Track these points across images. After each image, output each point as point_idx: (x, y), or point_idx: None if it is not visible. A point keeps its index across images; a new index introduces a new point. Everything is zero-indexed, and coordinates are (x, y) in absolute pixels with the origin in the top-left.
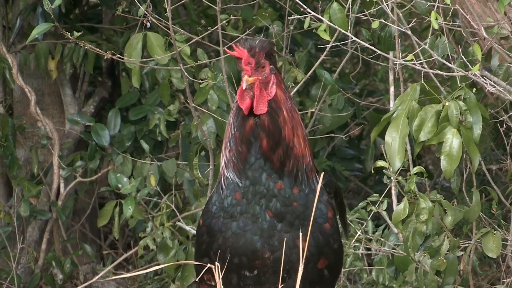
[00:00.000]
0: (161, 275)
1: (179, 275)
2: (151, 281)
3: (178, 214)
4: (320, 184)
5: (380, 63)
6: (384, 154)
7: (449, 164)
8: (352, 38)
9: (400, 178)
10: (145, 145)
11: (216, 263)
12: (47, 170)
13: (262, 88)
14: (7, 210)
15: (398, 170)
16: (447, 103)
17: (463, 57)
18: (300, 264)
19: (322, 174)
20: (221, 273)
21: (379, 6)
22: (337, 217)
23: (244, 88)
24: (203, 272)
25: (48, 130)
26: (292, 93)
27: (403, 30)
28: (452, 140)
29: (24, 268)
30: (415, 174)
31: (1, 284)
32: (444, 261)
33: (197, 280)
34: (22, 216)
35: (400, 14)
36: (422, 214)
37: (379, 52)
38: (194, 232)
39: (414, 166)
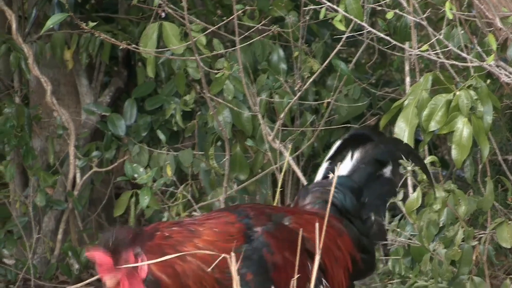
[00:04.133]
0: None
1: None
2: None
3: (194, 204)
4: None
5: (396, 53)
6: None
7: (460, 153)
8: (367, 29)
9: (415, 168)
10: (161, 135)
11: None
12: (63, 160)
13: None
14: (23, 200)
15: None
16: (457, 93)
17: (478, 47)
18: None
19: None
20: None
21: None
22: None
23: None
24: None
25: (64, 120)
26: (308, 83)
27: (418, 20)
28: (463, 130)
29: (40, 258)
30: (429, 163)
31: (17, 274)
32: (459, 251)
33: None
34: (38, 206)
35: (416, 5)
36: (435, 204)
37: (394, 42)
38: None
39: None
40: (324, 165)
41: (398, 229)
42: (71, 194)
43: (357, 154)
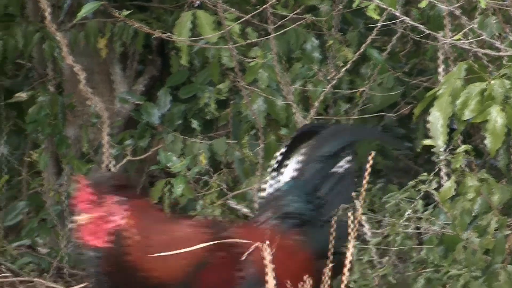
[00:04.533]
0: None
1: None
2: None
3: (228, 192)
4: None
5: (430, 42)
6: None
7: (493, 142)
8: (401, 18)
9: (449, 156)
10: (195, 124)
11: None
12: (97, 148)
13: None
14: (57, 188)
15: (446, 148)
16: (491, 82)
17: (511, 37)
18: None
19: None
20: None
21: None
22: None
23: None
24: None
25: (98, 109)
26: (342, 72)
27: (452, 9)
28: (496, 118)
29: (74, 247)
30: (462, 152)
31: (51, 263)
32: (492, 240)
33: None
34: (72, 194)
35: None
36: (468, 192)
37: (428, 31)
38: (244, 211)
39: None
40: (271, 176)
41: (432, 218)
42: None
43: (302, 153)
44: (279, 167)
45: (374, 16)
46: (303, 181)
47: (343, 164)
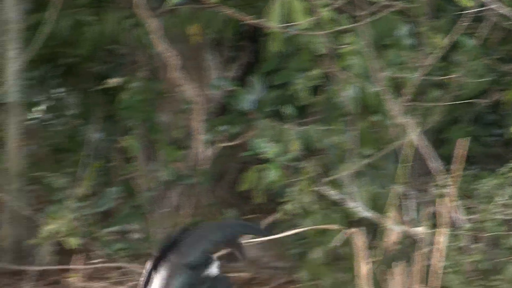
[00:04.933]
0: (303, 240)
1: (321, 240)
2: (294, 246)
3: (320, 179)
4: None
5: None
6: None
7: None
8: (492, 5)
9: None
10: (287, 110)
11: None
12: (189, 134)
13: None
14: (149, 174)
15: None
16: None
17: None
18: None
19: None
20: None
21: None
22: None
23: None
24: None
25: (190, 95)
26: (434, 59)
27: None
28: None
29: (166, 233)
30: None
31: (143, 249)
32: None
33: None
34: (164, 180)
35: None
36: None
37: None
38: (336, 197)
39: None
40: None
41: None
42: (197, 168)
43: (167, 265)
44: (147, 281)
45: (466, 3)
46: None
47: (213, 268)
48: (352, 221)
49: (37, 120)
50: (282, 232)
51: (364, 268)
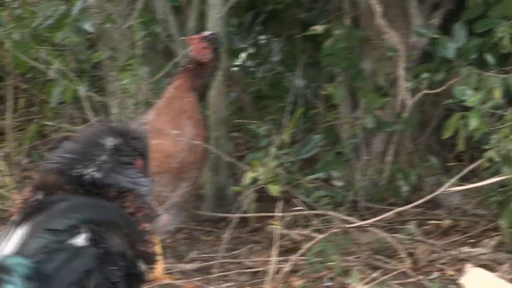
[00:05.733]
0: (505, 188)
1: None
2: (495, 194)
3: None
4: None
5: None
6: None
7: None
8: None
9: None
10: (490, 58)
11: None
12: (393, 82)
13: None
14: (352, 122)
15: None
16: None
17: None
18: None
19: None
20: None
21: None
22: None
23: None
24: None
25: (394, 42)
26: None
27: None
28: None
29: (369, 180)
30: None
31: (346, 196)
32: None
33: None
34: (367, 128)
35: None
36: None
37: None
38: None
39: None
40: None
41: None
42: (400, 116)
43: (29, 225)
44: (6, 235)
45: None
46: (23, 256)
47: (79, 239)
48: None
49: (240, 67)
50: (483, 180)
51: None
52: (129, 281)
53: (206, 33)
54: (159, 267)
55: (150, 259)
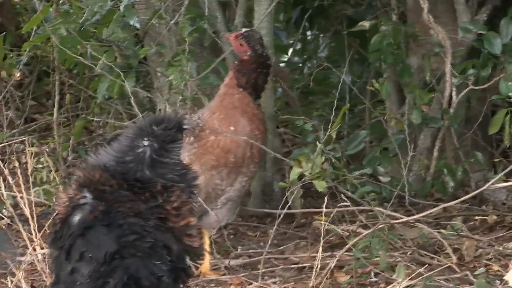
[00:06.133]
0: None
1: None
2: None
3: None
4: None
5: None
6: None
7: None
8: None
9: None
10: None
11: None
12: (439, 78)
13: None
14: (399, 117)
15: None
16: None
17: None
18: None
19: None
20: None
21: None
22: None
23: None
24: None
25: (440, 38)
26: None
27: None
28: None
29: (415, 176)
30: None
31: (392, 192)
32: None
33: None
34: (414, 123)
35: None
36: None
37: None
38: None
39: None
40: None
41: None
42: (447, 111)
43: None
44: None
45: None
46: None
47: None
48: None
49: (288, 62)
50: None
51: None
52: (175, 276)
53: (242, 30)
54: (206, 262)
55: (196, 254)
